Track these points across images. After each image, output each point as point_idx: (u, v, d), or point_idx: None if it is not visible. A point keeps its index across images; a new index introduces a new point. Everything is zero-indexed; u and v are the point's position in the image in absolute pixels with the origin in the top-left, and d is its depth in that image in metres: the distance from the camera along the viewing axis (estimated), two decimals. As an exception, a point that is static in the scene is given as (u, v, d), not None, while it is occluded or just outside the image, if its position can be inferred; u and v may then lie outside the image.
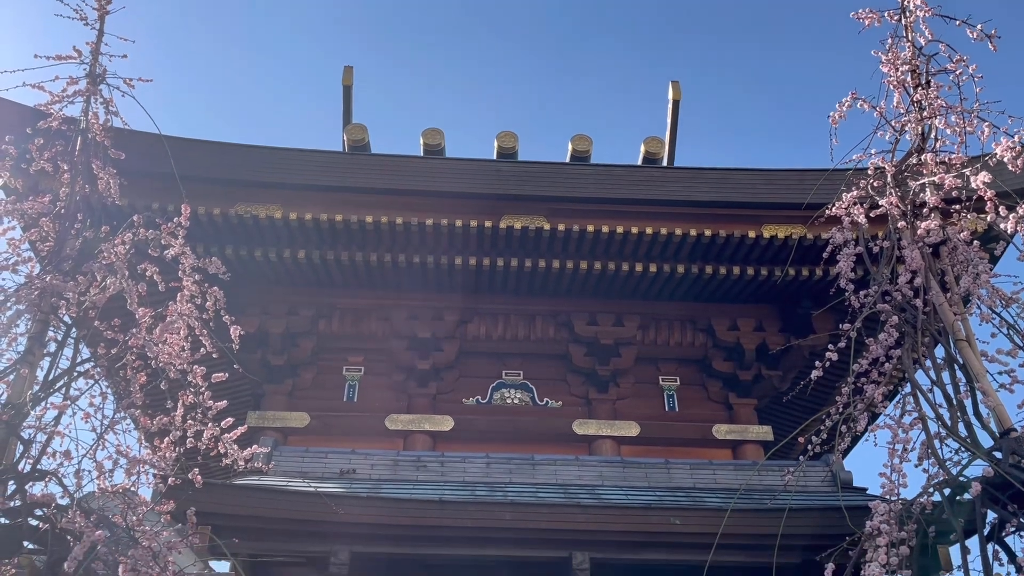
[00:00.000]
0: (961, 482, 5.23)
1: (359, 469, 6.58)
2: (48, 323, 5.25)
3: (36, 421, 4.90)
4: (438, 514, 5.78)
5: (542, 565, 6.04)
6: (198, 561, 5.33)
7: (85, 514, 4.35)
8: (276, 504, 5.73)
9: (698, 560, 5.55)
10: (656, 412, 9.39)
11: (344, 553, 5.71)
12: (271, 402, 9.01)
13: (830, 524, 5.60)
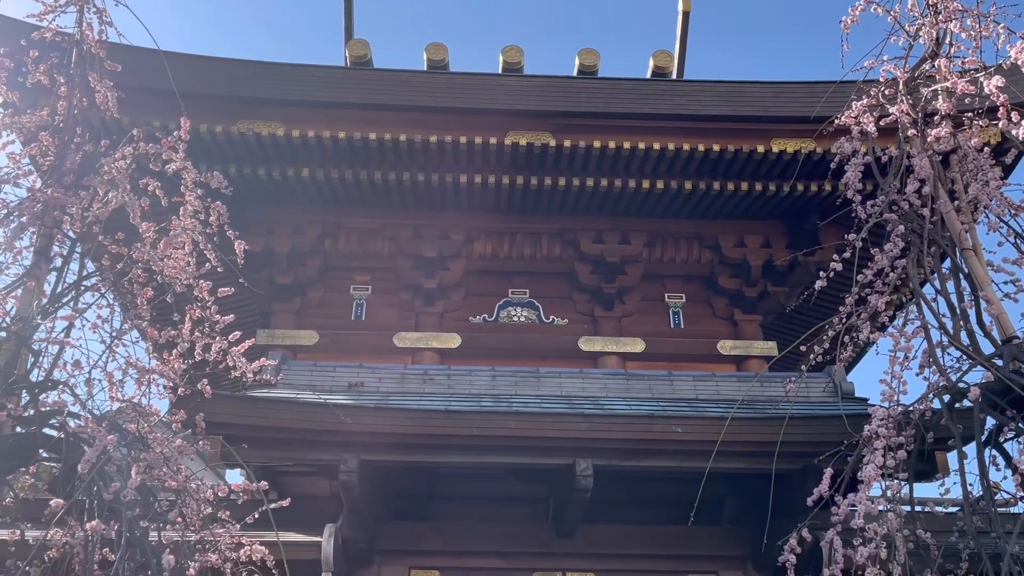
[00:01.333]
0: (961, 389, 5.27)
1: (367, 382, 6.69)
2: (52, 238, 5.27)
3: (46, 334, 4.99)
4: (444, 423, 5.89)
5: (546, 472, 6.19)
6: (208, 469, 5.48)
7: (97, 420, 4.44)
8: (286, 414, 5.86)
9: (699, 467, 5.65)
10: (661, 328, 9.46)
11: (353, 461, 5.86)
12: (279, 320, 9.12)
13: (830, 432, 5.67)
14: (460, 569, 6.68)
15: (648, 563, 6.71)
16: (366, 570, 6.56)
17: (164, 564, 4.25)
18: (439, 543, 6.64)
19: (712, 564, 6.74)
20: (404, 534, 6.67)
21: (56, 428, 4.84)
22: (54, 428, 4.86)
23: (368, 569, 6.57)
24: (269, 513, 4.86)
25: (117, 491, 4.14)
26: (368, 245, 9.34)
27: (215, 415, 5.42)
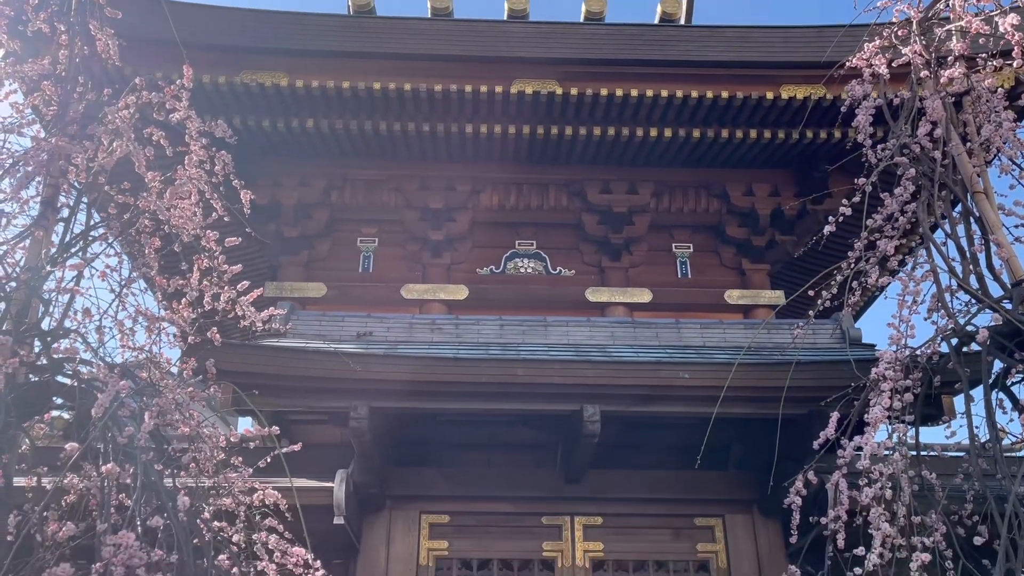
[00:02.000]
0: (969, 332, 5.27)
1: (375, 332, 6.72)
2: (59, 188, 5.27)
3: (55, 284, 5.01)
4: (453, 370, 5.94)
5: (554, 418, 6.24)
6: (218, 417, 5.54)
7: (109, 368, 4.49)
8: (296, 362, 5.90)
9: (705, 412, 5.70)
10: (669, 279, 9.45)
11: (363, 408, 5.92)
12: (287, 273, 9.14)
13: (837, 376, 5.69)
14: (470, 514, 6.78)
15: (655, 507, 6.80)
16: (377, 515, 6.67)
17: (180, 505, 4.32)
18: (449, 488, 6.74)
19: (719, 508, 6.83)
20: (414, 480, 6.77)
21: (69, 376, 4.90)
22: (67, 376, 4.92)
23: (379, 514, 6.68)
24: (281, 458, 4.93)
25: (131, 436, 4.20)
26: (375, 197, 9.31)
27: (225, 363, 5.47)
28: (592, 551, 6.70)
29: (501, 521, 6.78)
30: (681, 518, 6.83)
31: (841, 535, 5.17)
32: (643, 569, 6.72)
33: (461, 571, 6.67)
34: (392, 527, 6.67)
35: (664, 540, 6.78)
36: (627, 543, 6.75)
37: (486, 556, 6.69)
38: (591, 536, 6.75)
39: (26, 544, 4.30)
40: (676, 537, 6.79)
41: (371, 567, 6.52)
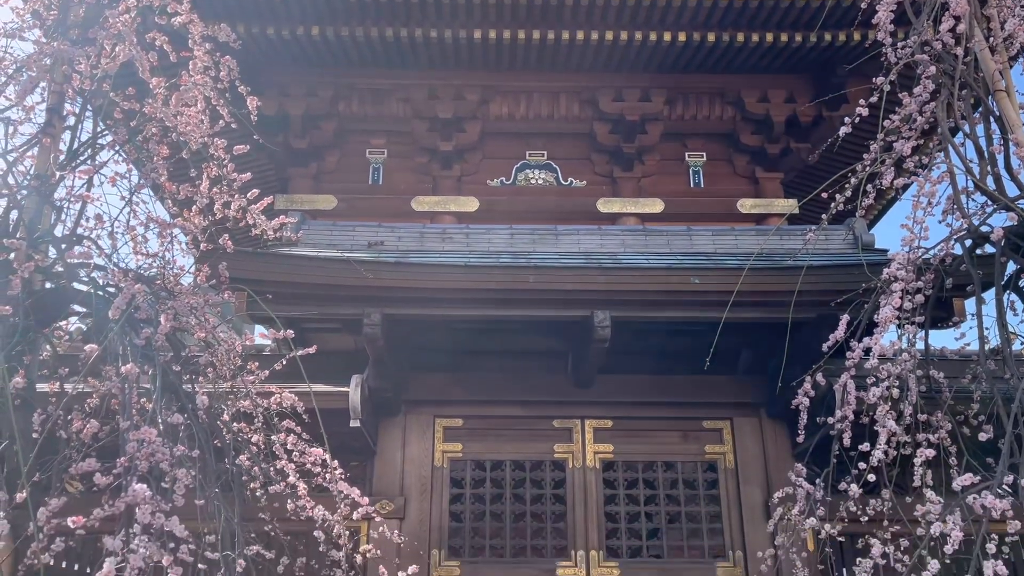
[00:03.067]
0: (983, 233, 5.23)
1: (386, 241, 6.73)
2: (63, 95, 5.22)
3: (65, 192, 5.02)
4: (464, 277, 5.96)
5: (565, 324, 6.29)
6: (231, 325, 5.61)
7: (123, 272, 4.53)
8: (309, 270, 5.94)
9: (715, 317, 5.72)
10: (681, 188, 9.38)
11: (376, 315, 5.98)
12: (297, 185, 9.13)
13: (848, 280, 5.68)
14: (482, 418, 6.93)
15: (664, 411, 6.91)
16: (393, 419, 6.82)
17: (199, 404, 4.43)
18: (462, 394, 6.86)
19: (727, 411, 6.94)
20: (428, 385, 6.89)
21: (85, 283, 4.96)
22: (83, 283, 4.98)
23: (395, 418, 6.83)
24: (298, 360, 5.01)
25: (148, 337, 4.28)
26: (383, 107, 9.19)
27: (238, 271, 5.50)
28: (602, 452, 6.86)
29: (513, 424, 6.93)
30: (690, 421, 6.95)
31: (847, 434, 5.27)
32: (652, 469, 6.88)
33: (474, 472, 6.85)
34: (407, 430, 6.84)
35: (673, 442, 6.92)
36: (636, 445, 6.90)
37: (499, 458, 6.86)
38: (601, 438, 6.91)
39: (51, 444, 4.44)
40: (684, 439, 6.93)
41: (387, 468, 6.71)
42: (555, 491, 6.80)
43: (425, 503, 6.63)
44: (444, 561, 6.52)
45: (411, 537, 6.35)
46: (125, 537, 3.52)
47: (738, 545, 6.56)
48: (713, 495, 6.80)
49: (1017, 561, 6.18)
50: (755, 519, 6.57)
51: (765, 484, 6.64)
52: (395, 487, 6.65)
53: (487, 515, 6.73)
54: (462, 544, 6.66)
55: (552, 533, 6.70)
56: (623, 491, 6.80)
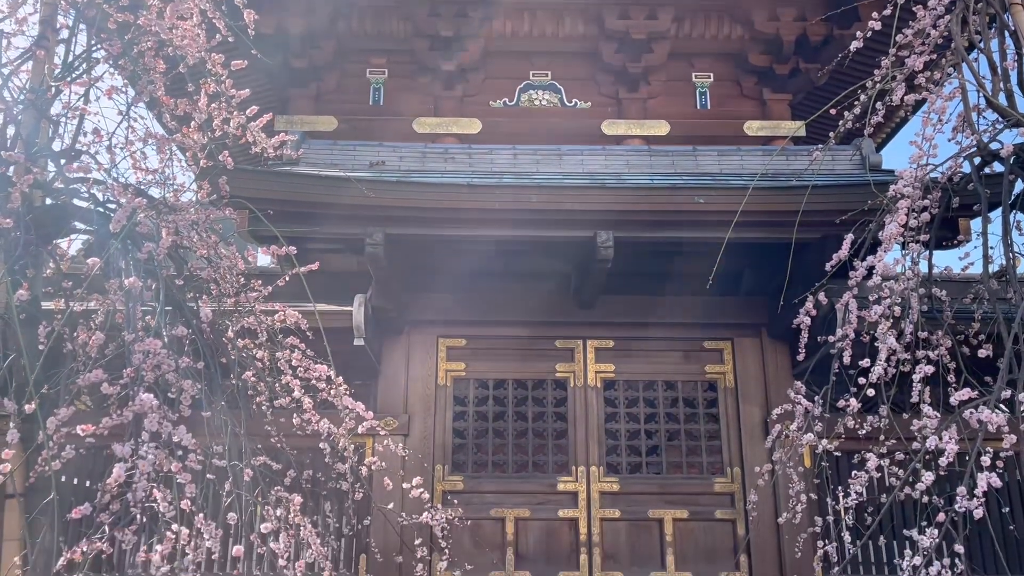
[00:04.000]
0: (992, 150, 5.16)
1: (388, 161, 6.66)
2: (56, 6, 5.09)
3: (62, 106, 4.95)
4: (467, 196, 5.92)
5: (568, 245, 6.27)
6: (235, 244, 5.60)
7: (123, 187, 4.50)
8: (310, 188, 5.90)
9: (719, 238, 5.70)
10: (687, 110, 9.22)
11: (378, 234, 5.96)
12: (297, 106, 8.99)
13: (853, 200, 5.63)
14: (485, 337, 6.98)
15: (665, 331, 6.95)
16: (396, 339, 6.88)
17: (203, 317, 4.46)
18: (465, 314, 6.90)
19: (728, 332, 6.98)
20: (431, 306, 6.93)
21: (85, 199, 4.94)
22: (83, 199, 4.96)
23: (398, 338, 6.89)
24: (302, 279, 5.01)
25: (150, 251, 4.27)
26: (383, 25, 8.97)
27: (239, 189, 5.46)
28: (603, 372, 6.94)
29: (516, 344, 6.99)
30: (691, 341, 7.00)
31: (847, 353, 5.30)
32: (652, 388, 6.96)
33: (477, 390, 6.94)
34: (411, 350, 6.90)
35: (674, 362, 6.99)
36: (637, 365, 6.97)
37: (501, 377, 6.95)
38: (603, 358, 6.97)
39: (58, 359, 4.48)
40: (685, 359, 7.00)
41: (391, 387, 6.80)
42: (557, 409, 6.91)
43: (429, 420, 6.74)
44: (447, 476, 6.67)
45: (415, 453, 6.48)
46: (134, 445, 3.59)
47: (736, 462, 6.69)
48: (712, 414, 6.90)
49: (1011, 478, 6.30)
50: (753, 437, 6.68)
51: (764, 403, 6.73)
52: (399, 405, 6.75)
53: (490, 432, 6.85)
54: (465, 460, 6.79)
55: (554, 450, 6.83)
56: (624, 410, 6.91)
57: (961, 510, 4.41)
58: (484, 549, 6.46)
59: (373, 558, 6.04)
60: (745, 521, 6.50)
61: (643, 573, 6.47)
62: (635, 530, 6.58)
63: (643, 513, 6.60)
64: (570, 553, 6.53)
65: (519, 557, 6.51)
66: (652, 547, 6.54)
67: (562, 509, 6.61)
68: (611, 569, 6.48)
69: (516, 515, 6.59)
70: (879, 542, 6.03)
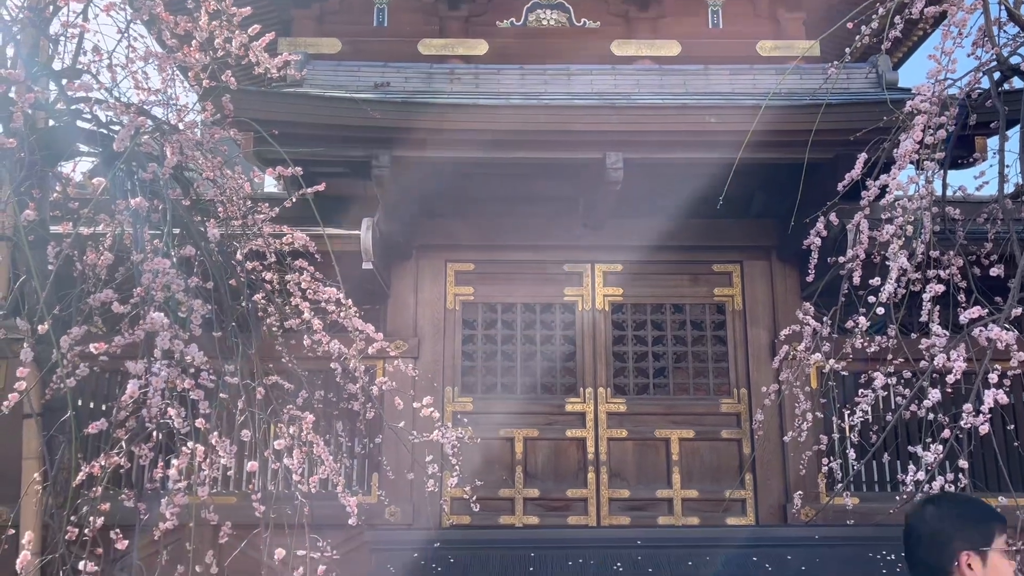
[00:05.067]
0: (1012, 65, 5.02)
1: (393, 82, 6.53)
2: (50, -82, 4.94)
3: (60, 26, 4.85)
4: (473, 117, 5.82)
5: (576, 167, 6.20)
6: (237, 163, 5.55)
7: (125, 106, 4.44)
8: (316, 110, 5.80)
9: (729, 158, 5.61)
10: (699, 30, 8.99)
11: (385, 156, 5.89)
12: (300, 28, 8.81)
13: (868, 118, 5.52)
14: (494, 262, 6.97)
15: (674, 254, 6.92)
16: (405, 264, 6.88)
17: (211, 237, 4.46)
18: (473, 238, 6.87)
19: (737, 254, 6.94)
20: (439, 230, 6.90)
21: (88, 119, 4.88)
22: (86, 120, 4.90)
23: (407, 263, 6.89)
24: (311, 201, 4.98)
25: (155, 171, 4.24)
26: (385, -60, 8.71)
27: (243, 110, 5.38)
28: (611, 295, 6.94)
29: (524, 269, 6.98)
30: (699, 264, 6.98)
31: (858, 273, 5.28)
32: (660, 311, 6.97)
33: (486, 314, 6.97)
34: (419, 274, 6.91)
35: (682, 285, 6.98)
36: (645, 288, 6.96)
37: (510, 301, 6.96)
38: (611, 282, 6.97)
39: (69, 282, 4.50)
40: (694, 282, 6.98)
41: (400, 311, 6.83)
42: (565, 332, 6.94)
43: (438, 344, 6.79)
44: (457, 397, 6.76)
45: (425, 374, 6.55)
46: (147, 363, 3.63)
47: (743, 383, 6.75)
48: (720, 336, 6.93)
49: (1016, 397, 6.34)
50: (761, 359, 6.71)
51: (772, 326, 6.74)
52: (409, 328, 6.79)
53: (499, 355, 6.91)
54: (475, 382, 6.87)
55: (562, 372, 6.89)
56: (631, 332, 6.94)
57: (967, 427, 4.46)
58: (494, 467, 6.58)
59: (385, 476, 6.17)
60: (751, 440, 6.59)
61: (649, 491, 6.60)
62: (642, 449, 6.69)
63: (650, 433, 6.69)
64: (578, 471, 6.66)
65: (528, 475, 6.64)
66: (659, 466, 6.65)
67: (570, 429, 6.71)
68: (618, 487, 6.60)
69: (525, 435, 6.69)
70: (883, 459, 6.12)
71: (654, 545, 4.90)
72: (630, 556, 4.81)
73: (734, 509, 6.52)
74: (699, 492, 6.58)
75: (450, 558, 4.80)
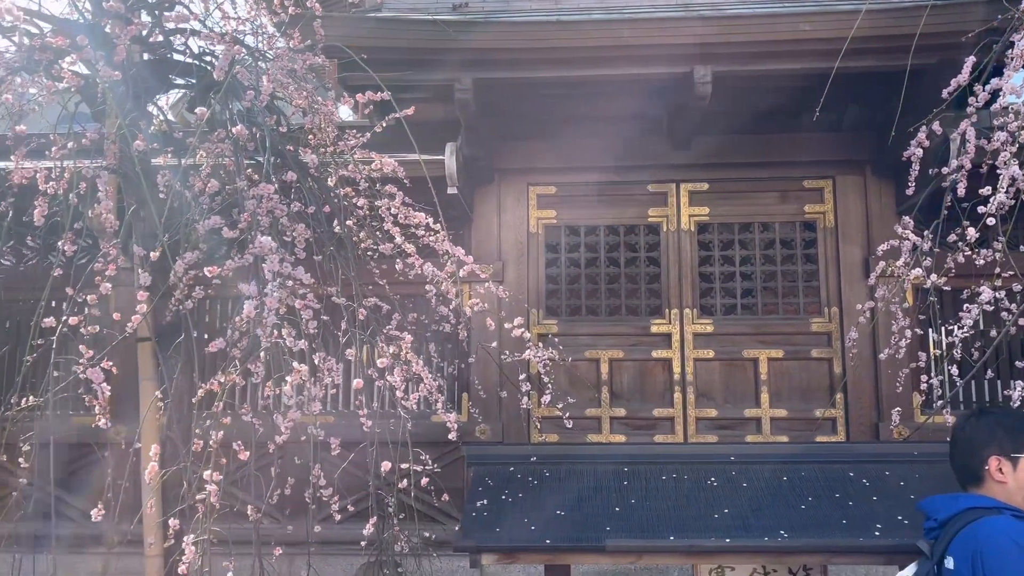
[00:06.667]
0: None
1: (471, 3, 6.44)
2: None
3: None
4: (556, 34, 5.71)
5: (661, 83, 6.05)
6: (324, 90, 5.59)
7: (219, 36, 4.50)
8: (397, 33, 5.78)
9: (824, 68, 5.39)
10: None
11: (467, 79, 5.86)
12: (372, -49, 8.69)
13: (978, 18, 5.22)
14: (576, 184, 6.93)
15: (762, 171, 6.76)
16: (487, 188, 6.90)
17: (309, 163, 4.55)
18: (555, 160, 6.83)
19: (829, 169, 6.73)
20: (521, 153, 6.87)
21: (182, 52, 4.97)
22: (181, 53, 5.00)
23: (489, 187, 6.90)
24: (403, 122, 4.99)
25: (252, 99, 4.31)
26: None
27: (328, 38, 5.40)
28: (697, 215, 6.84)
29: (607, 190, 6.92)
30: (789, 181, 6.80)
31: (962, 185, 5.06)
32: (748, 230, 6.85)
33: (569, 237, 6.97)
34: (502, 198, 6.92)
35: (770, 203, 6.82)
36: (733, 207, 6.84)
37: (593, 223, 6.94)
38: (696, 201, 6.86)
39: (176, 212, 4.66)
40: (783, 199, 6.82)
41: (484, 235, 6.89)
42: (649, 254, 6.90)
43: (522, 268, 6.84)
44: (542, 320, 6.83)
45: (511, 297, 6.63)
46: (259, 284, 3.77)
47: (835, 302, 6.63)
48: (810, 254, 6.78)
49: None
50: (853, 277, 6.57)
51: (866, 242, 6.56)
52: (492, 253, 6.85)
53: (582, 278, 6.93)
54: (558, 305, 6.92)
55: (646, 293, 6.88)
56: (718, 252, 6.85)
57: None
58: (579, 387, 6.68)
59: (476, 395, 6.33)
60: (842, 359, 6.51)
61: (737, 410, 6.62)
62: (729, 369, 6.68)
63: (737, 353, 6.67)
64: (664, 391, 6.70)
65: (614, 395, 6.72)
66: (746, 385, 6.64)
67: (656, 350, 6.74)
68: (705, 406, 6.64)
69: (610, 356, 6.75)
70: (985, 376, 5.97)
71: (746, 461, 4.93)
72: (724, 471, 4.86)
73: (824, 428, 6.50)
74: (788, 411, 6.57)
75: (545, 472, 4.93)
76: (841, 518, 4.40)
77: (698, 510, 4.55)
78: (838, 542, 4.27)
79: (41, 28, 4.48)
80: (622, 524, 4.45)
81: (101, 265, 4.16)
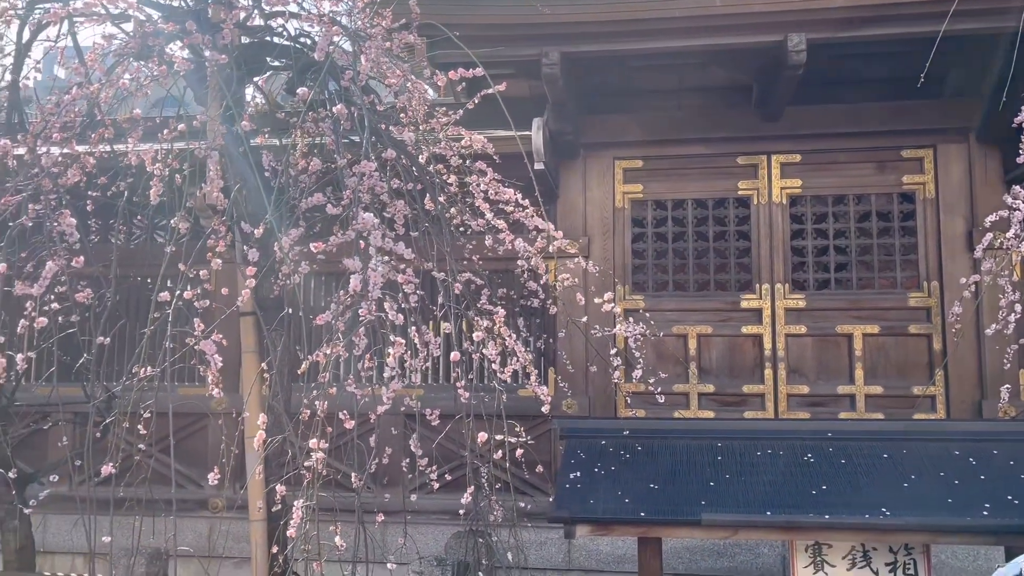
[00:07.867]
0: None
1: (557, -23, 6.40)
2: None
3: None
4: (646, 5, 5.63)
5: (753, 52, 5.92)
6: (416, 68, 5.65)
7: (317, 16, 4.60)
8: (486, 8, 5.81)
9: (927, 32, 5.19)
10: None
11: (554, 54, 5.84)
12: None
13: (1097, -26, 4.91)
14: (663, 157, 6.85)
15: (858, 141, 6.56)
16: (573, 162, 6.89)
17: (406, 140, 4.63)
18: (641, 134, 6.76)
19: (929, 138, 6.48)
20: (607, 127, 6.83)
21: (280, 34, 5.10)
22: (279, 36, 5.12)
23: (575, 162, 6.89)
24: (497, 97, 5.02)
25: (351, 78, 4.40)
26: None
27: (423, 15, 5.45)
28: (789, 187, 6.69)
29: (695, 163, 6.82)
30: (886, 151, 6.57)
31: (1079, 151, 4.82)
32: (842, 203, 6.67)
33: (655, 211, 6.91)
34: (587, 173, 6.90)
35: (866, 174, 6.62)
36: (826, 178, 6.66)
37: (680, 197, 6.86)
38: (788, 173, 6.70)
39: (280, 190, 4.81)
40: (880, 170, 6.60)
41: (570, 211, 6.89)
42: (739, 228, 6.79)
43: (608, 242, 6.82)
44: (629, 295, 6.81)
45: (597, 274, 6.62)
46: (363, 259, 3.87)
47: (934, 276, 6.40)
48: (908, 227, 6.56)
49: None
50: (955, 249, 6.33)
51: (969, 214, 6.31)
52: (578, 228, 6.85)
53: (669, 253, 6.87)
54: (645, 280, 6.89)
55: (736, 268, 6.78)
56: (811, 226, 6.69)
57: None
58: (667, 363, 6.65)
59: (564, 369, 6.37)
60: (942, 335, 6.30)
61: (830, 387, 6.48)
62: (822, 345, 6.54)
63: (830, 329, 6.52)
64: (754, 368, 6.61)
65: (702, 371, 6.67)
66: (840, 362, 6.49)
67: (745, 326, 6.64)
68: (796, 383, 6.53)
69: (698, 331, 6.69)
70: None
71: (844, 437, 4.84)
72: (821, 447, 4.78)
73: (922, 405, 6.31)
74: (883, 388, 6.40)
75: (637, 445, 4.94)
76: (946, 497, 4.29)
77: (795, 486, 4.50)
78: (944, 521, 4.17)
79: (150, 15, 4.67)
80: (717, 499, 4.44)
81: (213, 242, 4.33)
